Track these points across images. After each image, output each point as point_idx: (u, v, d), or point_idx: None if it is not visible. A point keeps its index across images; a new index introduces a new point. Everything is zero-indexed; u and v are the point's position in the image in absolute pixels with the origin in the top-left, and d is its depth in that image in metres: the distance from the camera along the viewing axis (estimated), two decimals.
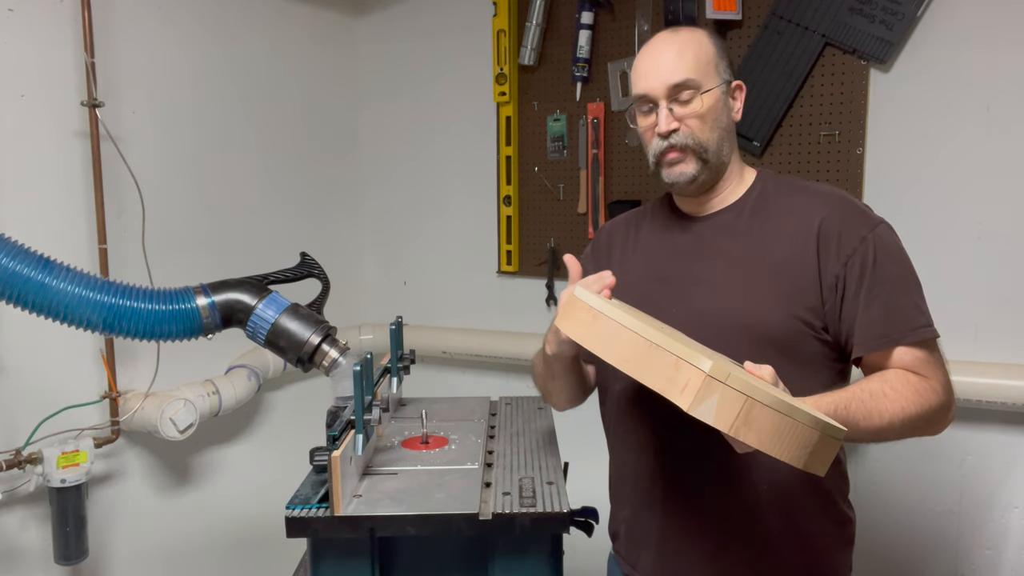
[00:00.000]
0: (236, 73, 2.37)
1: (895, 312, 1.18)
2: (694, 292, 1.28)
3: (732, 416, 0.91)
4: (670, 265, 1.33)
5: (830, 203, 1.25)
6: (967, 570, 1.95)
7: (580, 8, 2.29)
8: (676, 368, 0.93)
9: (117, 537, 2.11)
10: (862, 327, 1.19)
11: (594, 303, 1.05)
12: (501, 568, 1.16)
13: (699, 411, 0.91)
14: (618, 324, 1.00)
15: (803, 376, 1.18)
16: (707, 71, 1.24)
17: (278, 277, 1.43)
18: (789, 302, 1.21)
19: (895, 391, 1.14)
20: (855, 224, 1.21)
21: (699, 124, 1.24)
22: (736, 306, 1.23)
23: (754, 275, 1.24)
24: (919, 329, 1.18)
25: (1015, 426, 1.87)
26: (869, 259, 1.19)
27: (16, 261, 1.20)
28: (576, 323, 1.07)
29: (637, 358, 0.97)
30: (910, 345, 1.18)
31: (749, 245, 1.26)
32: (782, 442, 0.92)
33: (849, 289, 1.19)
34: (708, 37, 1.28)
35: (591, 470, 1.53)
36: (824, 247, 1.21)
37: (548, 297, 2.51)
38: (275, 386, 2.56)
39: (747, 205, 1.30)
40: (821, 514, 1.28)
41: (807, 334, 1.21)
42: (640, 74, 1.27)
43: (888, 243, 1.21)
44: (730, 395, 0.91)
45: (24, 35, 1.84)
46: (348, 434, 1.22)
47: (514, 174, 2.54)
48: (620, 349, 1.00)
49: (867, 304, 1.18)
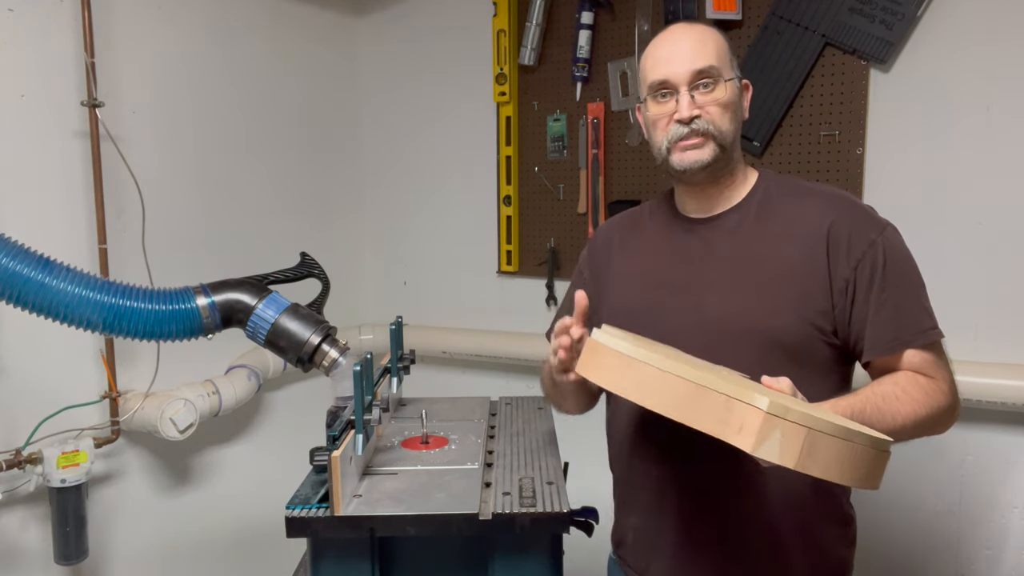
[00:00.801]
0: (236, 73, 2.37)
1: (904, 315, 1.19)
2: (702, 297, 1.26)
3: (796, 451, 0.87)
4: (675, 269, 1.31)
5: (838, 206, 1.24)
6: (967, 570, 1.95)
7: (580, 8, 2.29)
8: (728, 409, 0.89)
9: (117, 537, 2.11)
10: (873, 331, 1.19)
11: (624, 349, 0.99)
12: (501, 568, 1.16)
13: (762, 451, 0.87)
14: (657, 369, 0.95)
15: (812, 381, 1.18)
16: (725, 62, 1.24)
17: (278, 277, 1.43)
18: (800, 306, 1.21)
19: (906, 393, 1.14)
20: (864, 227, 1.21)
21: (720, 112, 1.23)
22: (747, 311, 1.22)
23: (764, 279, 1.23)
24: (928, 331, 1.19)
25: (1015, 426, 1.87)
26: (879, 262, 1.19)
27: (16, 261, 1.20)
28: (605, 370, 1.01)
29: (683, 402, 0.92)
30: (919, 347, 1.18)
31: (757, 248, 1.25)
32: (843, 467, 0.90)
33: (859, 293, 1.19)
34: (721, 34, 1.28)
35: (591, 470, 1.53)
36: (834, 250, 1.20)
37: (548, 297, 2.51)
38: (275, 386, 2.56)
39: (752, 207, 1.29)
40: (827, 515, 1.28)
41: (818, 338, 1.21)
42: (659, 60, 1.25)
43: (896, 246, 1.22)
44: (792, 430, 0.87)
45: (24, 35, 1.84)
46: (348, 434, 1.22)
47: (514, 174, 2.54)
48: (662, 395, 0.94)
49: (877, 308, 1.18)
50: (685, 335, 1.24)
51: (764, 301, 1.22)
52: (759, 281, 1.23)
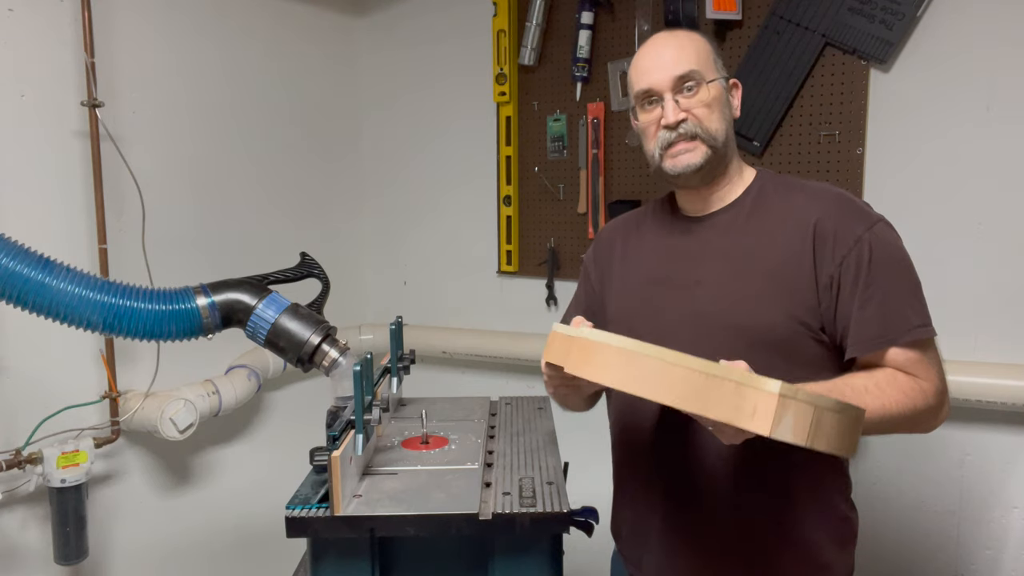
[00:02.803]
0: (236, 73, 2.37)
1: (890, 312, 1.18)
2: (694, 294, 1.27)
3: (806, 429, 0.90)
4: (670, 267, 1.33)
5: (827, 202, 1.24)
6: (967, 570, 1.95)
7: (580, 8, 2.29)
8: (740, 395, 0.91)
9: (117, 537, 2.11)
10: (856, 327, 1.18)
11: (624, 344, 0.99)
12: (501, 568, 1.16)
13: (779, 432, 0.89)
14: (661, 361, 0.95)
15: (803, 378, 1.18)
16: (708, 64, 1.27)
17: (278, 277, 1.43)
18: (788, 303, 1.21)
19: (878, 388, 1.13)
20: (851, 223, 1.21)
21: (706, 113, 1.25)
22: (735, 308, 1.23)
23: (753, 276, 1.24)
24: (914, 329, 1.17)
25: (1015, 426, 1.87)
26: (864, 258, 1.18)
27: (16, 261, 1.20)
28: (602, 367, 1.01)
29: (692, 393, 0.93)
30: (904, 346, 1.17)
31: (748, 246, 1.26)
32: (841, 439, 0.93)
33: (844, 289, 1.19)
34: (704, 37, 1.31)
35: (591, 470, 1.53)
36: (820, 246, 1.20)
37: (548, 297, 2.51)
38: (275, 386, 2.56)
39: (746, 204, 1.30)
40: (824, 513, 1.27)
41: (806, 335, 1.21)
42: (642, 70, 1.28)
43: (885, 241, 1.20)
44: (802, 409, 0.90)
45: (24, 35, 1.84)
46: (348, 434, 1.22)
47: (514, 174, 2.54)
48: (670, 387, 0.94)
49: (862, 304, 1.18)
50: (678, 331, 1.24)
51: (752, 298, 1.22)
52: (748, 278, 1.24)
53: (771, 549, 1.25)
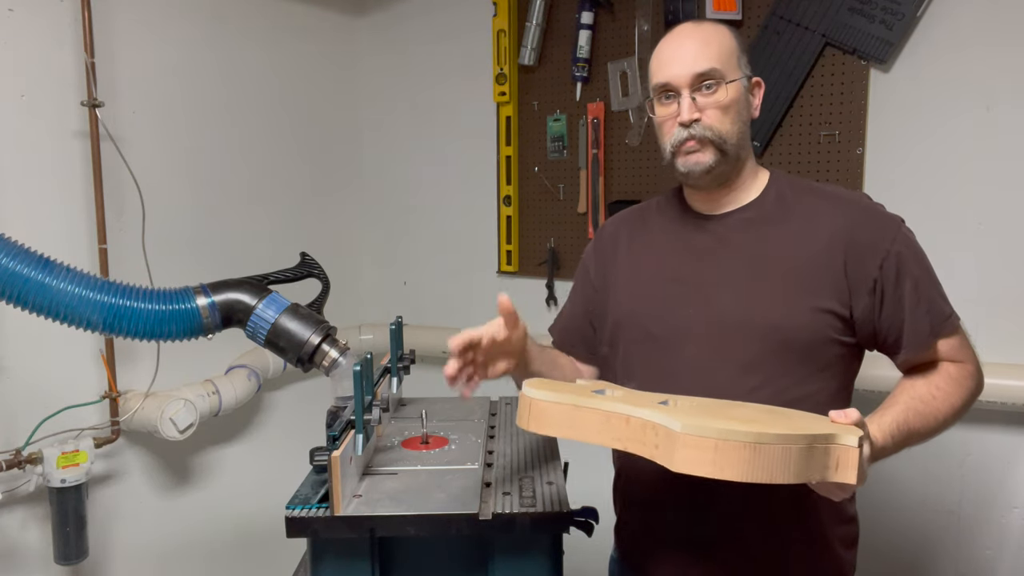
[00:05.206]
0: (236, 73, 2.37)
1: (932, 308, 1.22)
2: (713, 294, 1.25)
3: (864, 470, 0.94)
4: (685, 265, 1.30)
5: (853, 206, 1.25)
6: (967, 570, 1.95)
7: (580, 8, 2.29)
8: (826, 453, 0.91)
9: (117, 537, 2.11)
10: (912, 326, 1.21)
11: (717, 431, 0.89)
12: (501, 568, 1.16)
13: (859, 479, 0.92)
14: (743, 443, 0.87)
15: (820, 379, 1.19)
16: (730, 63, 1.24)
17: (278, 277, 1.43)
18: (815, 305, 1.20)
19: (940, 390, 1.19)
20: (882, 229, 1.22)
21: (721, 115, 1.23)
22: (760, 309, 1.22)
23: (778, 278, 1.22)
24: (951, 317, 1.23)
25: (1015, 426, 1.87)
26: (904, 258, 1.21)
27: (16, 261, 1.20)
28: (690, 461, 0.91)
29: (786, 463, 0.88)
30: (946, 335, 1.22)
31: (771, 247, 1.25)
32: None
33: (888, 291, 1.20)
34: (730, 31, 1.28)
35: (591, 470, 1.53)
36: (852, 251, 1.20)
37: (548, 297, 2.51)
38: (275, 386, 2.56)
39: (765, 205, 1.29)
40: (831, 514, 1.27)
41: (831, 338, 1.21)
42: (662, 62, 1.26)
43: (911, 240, 1.24)
44: (862, 454, 0.93)
45: (24, 35, 1.84)
46: (348, 434, 1.22)
47: (514, 174, 2.54)
48: (763, 464, 0.87)
49: (912, 306, 1.20)
50: (694, 330, 1.24)
51: (778, 300, 1.21)
52: (773, 280, 1.23)
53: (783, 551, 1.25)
